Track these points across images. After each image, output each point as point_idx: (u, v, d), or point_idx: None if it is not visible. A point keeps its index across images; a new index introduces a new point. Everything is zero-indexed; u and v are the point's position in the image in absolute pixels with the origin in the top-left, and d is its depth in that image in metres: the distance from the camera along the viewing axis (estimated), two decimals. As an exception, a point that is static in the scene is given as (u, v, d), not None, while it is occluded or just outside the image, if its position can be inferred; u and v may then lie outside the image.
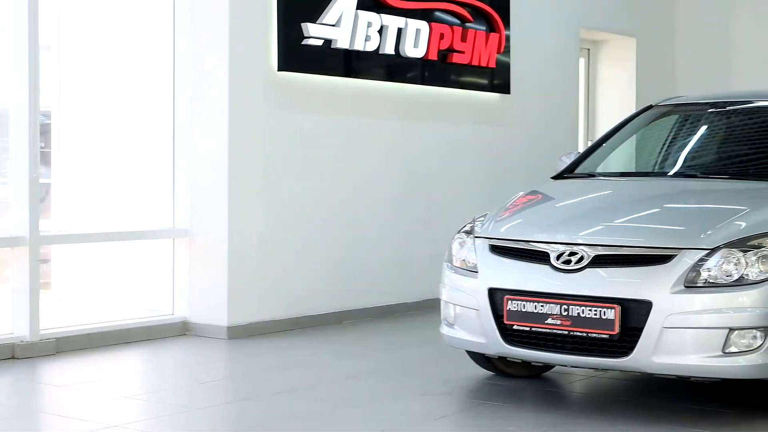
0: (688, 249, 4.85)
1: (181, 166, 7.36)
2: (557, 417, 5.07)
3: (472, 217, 5.85)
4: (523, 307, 5.08)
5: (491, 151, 9.25)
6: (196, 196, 7.32)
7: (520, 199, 5.85)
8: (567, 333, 4.96)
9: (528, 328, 5.07)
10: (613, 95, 11.27)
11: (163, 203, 7.46)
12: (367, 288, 8.14)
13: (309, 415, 5.12)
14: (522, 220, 5.60)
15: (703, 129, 6.52)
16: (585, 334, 4.92)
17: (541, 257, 5.15)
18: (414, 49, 8.21)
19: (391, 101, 8.32)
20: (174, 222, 7.41)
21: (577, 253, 5.04)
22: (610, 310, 4.86)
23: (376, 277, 8.20)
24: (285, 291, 7.53)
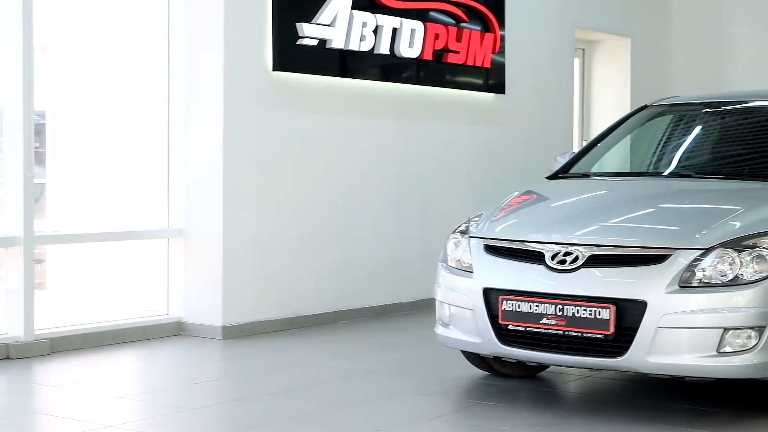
0: (683, 249, 4.86)
1: (176, 166, 7.35)
2: (552, 417, 5.07)
3: (467, 217, 5.85)
4: (518, 307, 5.08)
5: (486, 151, 9.25)
6: (191, 196, 7.31)
7: (515, 199, 5.85)
8: (562, 333, 4.97)
9: (523, 328, 5.07)
10: (608, 95, 11.28)
11: (157, 203, 7.45)
12: (362, 288, 8.14)
13: (304, 415, 5.12)
14: (517, 220, 5.60)
15: (697, 129, 6.52)
16: (580, 334, 4.92)
17: (536, 257, 5.15)
18: (409, 49, 8.21)
19: (386, 101, 8.32)
20: (169, 222, 7.40)
21: (572, 253, 5.04)
22: (604, 310, 4.86)
23: (371, 277, 8.20)
24: (280, 291, 7.52)
